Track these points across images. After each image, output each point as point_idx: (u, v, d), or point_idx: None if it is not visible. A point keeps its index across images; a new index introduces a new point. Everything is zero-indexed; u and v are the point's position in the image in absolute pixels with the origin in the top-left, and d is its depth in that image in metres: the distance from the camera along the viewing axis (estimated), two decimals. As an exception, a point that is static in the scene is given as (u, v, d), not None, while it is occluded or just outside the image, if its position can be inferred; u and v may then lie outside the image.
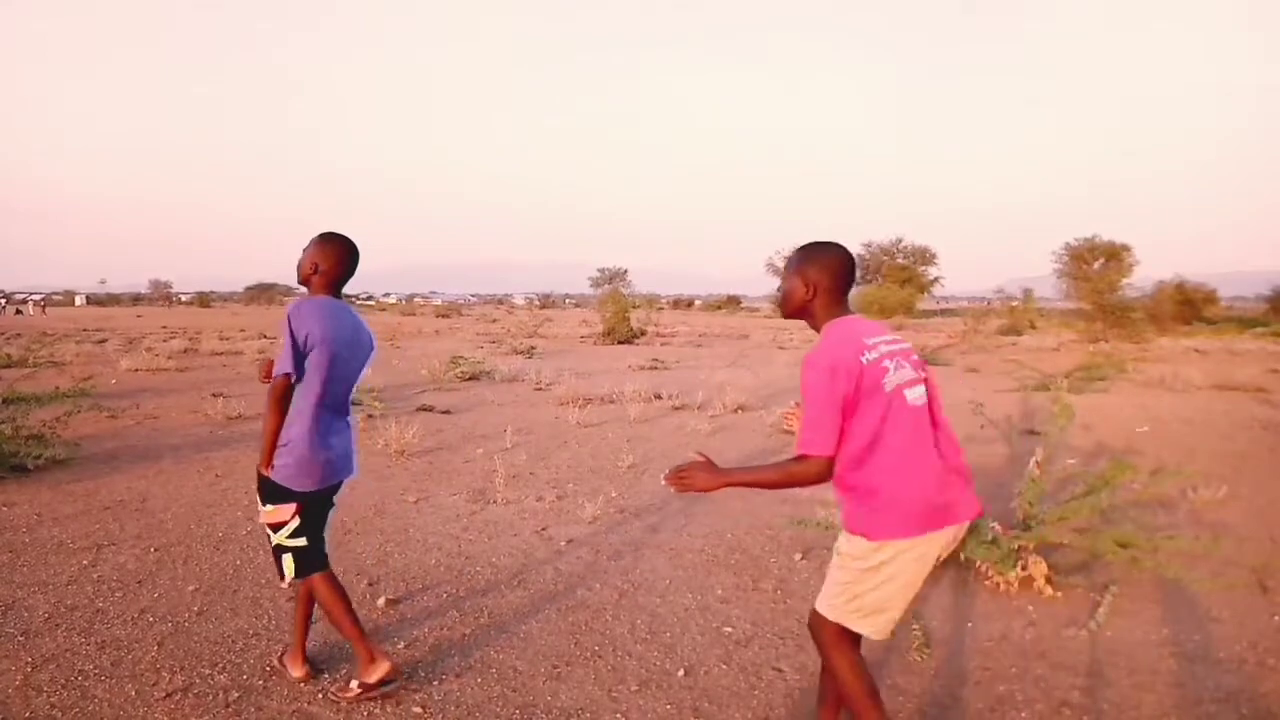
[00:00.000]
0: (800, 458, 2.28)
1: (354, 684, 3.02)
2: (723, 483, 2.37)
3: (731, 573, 4.46)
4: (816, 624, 2.45)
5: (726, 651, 3.51)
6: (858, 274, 2.51)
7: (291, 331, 2.89)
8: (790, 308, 2.50)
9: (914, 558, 2.31)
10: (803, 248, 2.49)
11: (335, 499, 3.18)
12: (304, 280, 3.07)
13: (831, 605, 2.40)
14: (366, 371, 3.15)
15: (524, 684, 3.21)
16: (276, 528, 2.99)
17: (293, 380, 2.89)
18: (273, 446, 2.92)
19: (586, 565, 4.58)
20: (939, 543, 2.34)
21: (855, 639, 2.43)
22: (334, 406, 3.02)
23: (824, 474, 2.29)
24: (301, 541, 2.99)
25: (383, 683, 2.98)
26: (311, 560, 3.02)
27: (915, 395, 2.34)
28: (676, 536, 5.10)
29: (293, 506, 2.97)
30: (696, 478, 2.38)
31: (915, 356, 2.44)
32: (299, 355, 2.90)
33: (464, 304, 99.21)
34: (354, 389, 3.12)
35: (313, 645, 3.42)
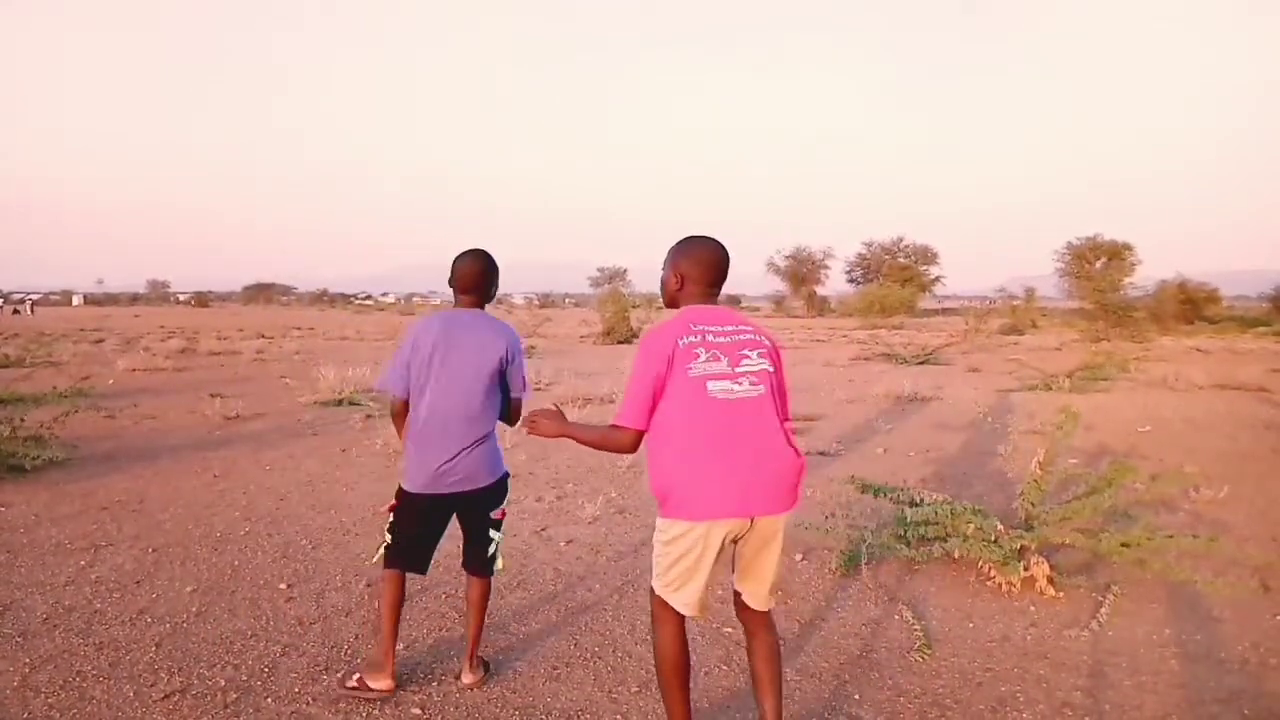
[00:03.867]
0: (614, 427, 2.42)
1: (356, 675, 3.07)
2: (561, 432, 2.54)
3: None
4: (651, 595, 2.51)
5: (727, 651, 3.50)
6: (858, 273, 2.52)
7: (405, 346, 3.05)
8: (666, 299, 2.59)
9: (697, 537, 2.34)
10: (679, 242, 2.55)
11: (488, 516, 3.12)
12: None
13: (654, 578, 2.48)
14: (517, 373, 3.07)
15: (524, 685, 3.19)
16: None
17: (399, 396, 3.01)
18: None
19: (586, 565, 4.56)
20: (724, 529, 2.35)
21: (678, 615, 2.45)
22: (446, 414, 2.95)
23: (633, 445, 2.42)
24: (388, 537, 3.09)
25: (378, 694, 3.03)
26: (392, 557, 3.09)
27: (721, 388, 2.34)
28: (677, 536, 5.07)
29: (391, 501, 3.11)
30: (543, 424, 2.57)
31: (757, 352, 2.42)
32: (403, 367, 3.02)
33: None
34: (479, 396, 2.96)
35: (319, 649, 3.41)
